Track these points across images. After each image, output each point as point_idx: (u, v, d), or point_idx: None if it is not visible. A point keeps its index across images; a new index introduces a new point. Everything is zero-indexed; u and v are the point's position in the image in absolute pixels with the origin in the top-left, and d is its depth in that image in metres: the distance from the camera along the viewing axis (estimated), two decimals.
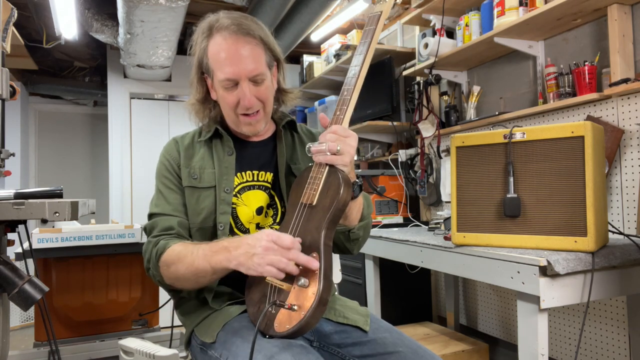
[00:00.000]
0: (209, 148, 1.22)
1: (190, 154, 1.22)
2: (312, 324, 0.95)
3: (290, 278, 0.98)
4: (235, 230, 1.17)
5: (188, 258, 1.04)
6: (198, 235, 1.16)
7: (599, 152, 1.49)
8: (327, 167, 1.04)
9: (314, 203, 1.03)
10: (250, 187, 1.20)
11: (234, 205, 1.17)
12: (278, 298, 0.98)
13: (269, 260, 0.93)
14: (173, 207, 1.16)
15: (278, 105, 1.27)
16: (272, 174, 1.22)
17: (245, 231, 1.18)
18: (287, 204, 1.18)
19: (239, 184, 1.19)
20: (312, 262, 0.94)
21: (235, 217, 1.17)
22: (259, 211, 1.19)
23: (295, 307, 0.95)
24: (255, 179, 1.21)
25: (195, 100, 1.21)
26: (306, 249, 0.99)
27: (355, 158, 3.51)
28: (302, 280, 0.96)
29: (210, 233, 1.15)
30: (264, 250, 0.94)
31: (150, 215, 1.19)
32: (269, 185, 1.21)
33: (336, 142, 1.02)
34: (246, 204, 1.19)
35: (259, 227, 1.19)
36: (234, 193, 1.18)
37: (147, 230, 1.18)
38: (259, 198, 1.20)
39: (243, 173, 1.21)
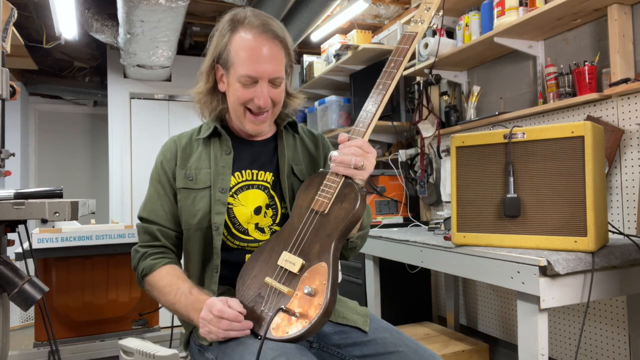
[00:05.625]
0: (207, 147, 1.22)
1: (187, 153, 1.22)
2: (312, 333, 0.95)
3: (293, 282, 0.98)
4: (234, 230, 1.16)
5: (170, 296, 1.09)
6: (197, 236, 1.16)
7: (599, 152, 1.48)
8: (344, 178, 1.03)
9: (326, 212, 1.02)
10: (248, 187, 1.19)
11: (230, 206, 1.16)
12: (278, 301, 0.97)
13: (206, 330, 0.99)
14: (158, 215, 1.18)
15: (283, 107, 1.26)
16: (272, 174, 1.21)
17: (244, 232, 1.17)
18: (288, 205, 1.18)
19: (237, 183, 1.19)
20: (246, 325, 0.97)
21: (232, 217, 1.16)
22: (257, 211, 1.18)
23: (297, 314, 0.94)
24: (254, 178, 1.20)
25: (202, 90, 1.20)
26: (314, 257, 0.99)
27: None
28: (309, 289, 0.95)
29: (207, 234, 1.15)
30: (201, 319, 1.00)
31: (139, 218, 1.22)
32: (268, 185, 1.20)
33: (361, 157, 1.02)
34: (243, 204, 1.18)
35: (257, 227, 1.18)
36: (231, 193, 1.17)
37: (137, 231, 1.22)
38: (257, 198, 1.19)
39: (243, 172, 1.20)
